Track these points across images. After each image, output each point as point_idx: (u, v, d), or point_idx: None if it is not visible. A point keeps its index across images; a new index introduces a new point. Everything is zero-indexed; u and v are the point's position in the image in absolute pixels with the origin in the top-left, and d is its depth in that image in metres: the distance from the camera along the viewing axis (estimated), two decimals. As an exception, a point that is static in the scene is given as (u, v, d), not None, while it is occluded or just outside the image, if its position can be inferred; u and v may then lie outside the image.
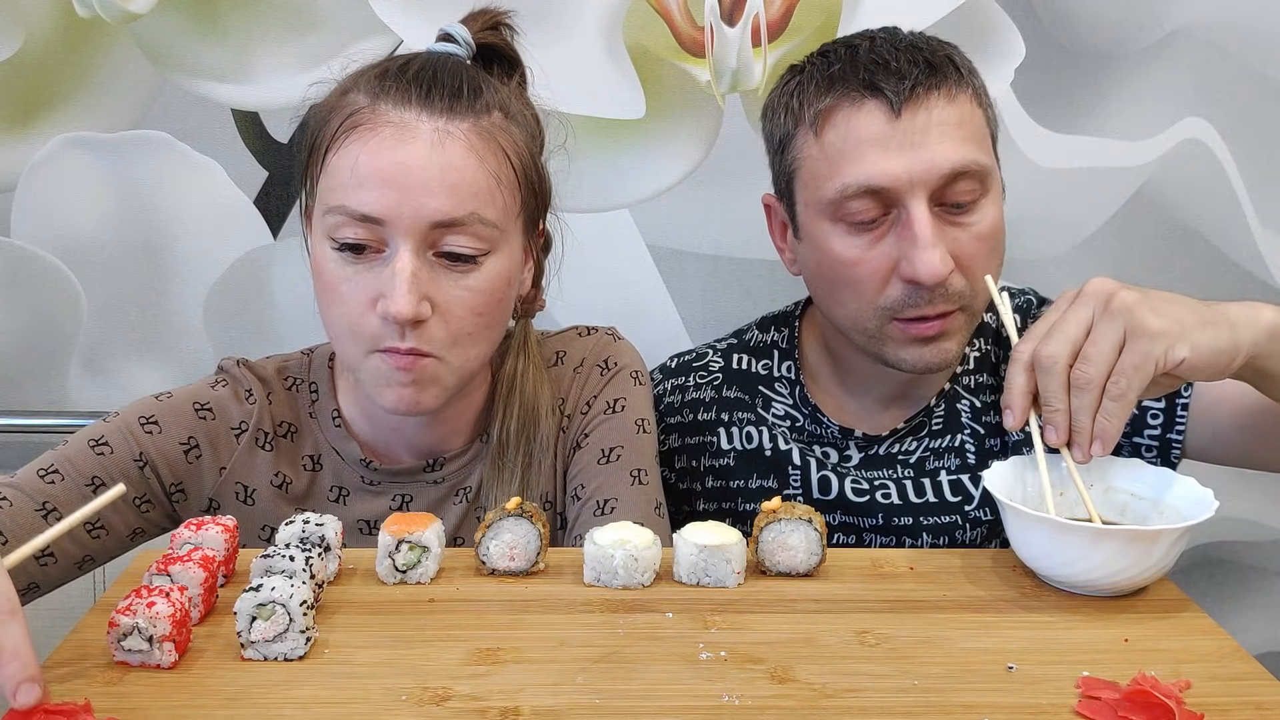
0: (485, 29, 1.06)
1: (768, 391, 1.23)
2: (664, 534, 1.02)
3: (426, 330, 0.94)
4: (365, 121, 0.94)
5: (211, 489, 1.05)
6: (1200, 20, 1.47)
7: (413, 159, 0.92)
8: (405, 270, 0.92)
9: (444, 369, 0.97)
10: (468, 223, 0.94)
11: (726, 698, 0.70)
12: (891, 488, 1.17)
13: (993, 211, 1.08)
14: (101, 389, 1.55)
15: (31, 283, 1.52)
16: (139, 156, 1.49)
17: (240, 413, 1.06)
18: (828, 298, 1.13)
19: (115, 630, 0.72)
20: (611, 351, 1.13)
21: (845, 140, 1.06)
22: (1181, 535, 0.82)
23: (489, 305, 0.97)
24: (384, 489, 1.08)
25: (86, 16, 1.45)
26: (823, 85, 1.08)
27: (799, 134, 1.10)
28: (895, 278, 1.06)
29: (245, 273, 1.52)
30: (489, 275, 0.97)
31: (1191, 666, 0.75)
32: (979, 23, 1.46)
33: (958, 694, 0.71)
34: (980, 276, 1.07)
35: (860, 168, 1.04)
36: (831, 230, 1.08)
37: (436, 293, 0.94)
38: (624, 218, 1.51)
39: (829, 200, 1.07)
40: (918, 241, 1.03)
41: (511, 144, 0.98)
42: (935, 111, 1.04)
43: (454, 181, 0.93)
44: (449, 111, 0.95)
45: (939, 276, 1.03)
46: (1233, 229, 1.53)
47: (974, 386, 1.20)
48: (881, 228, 1.06)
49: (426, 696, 0.69)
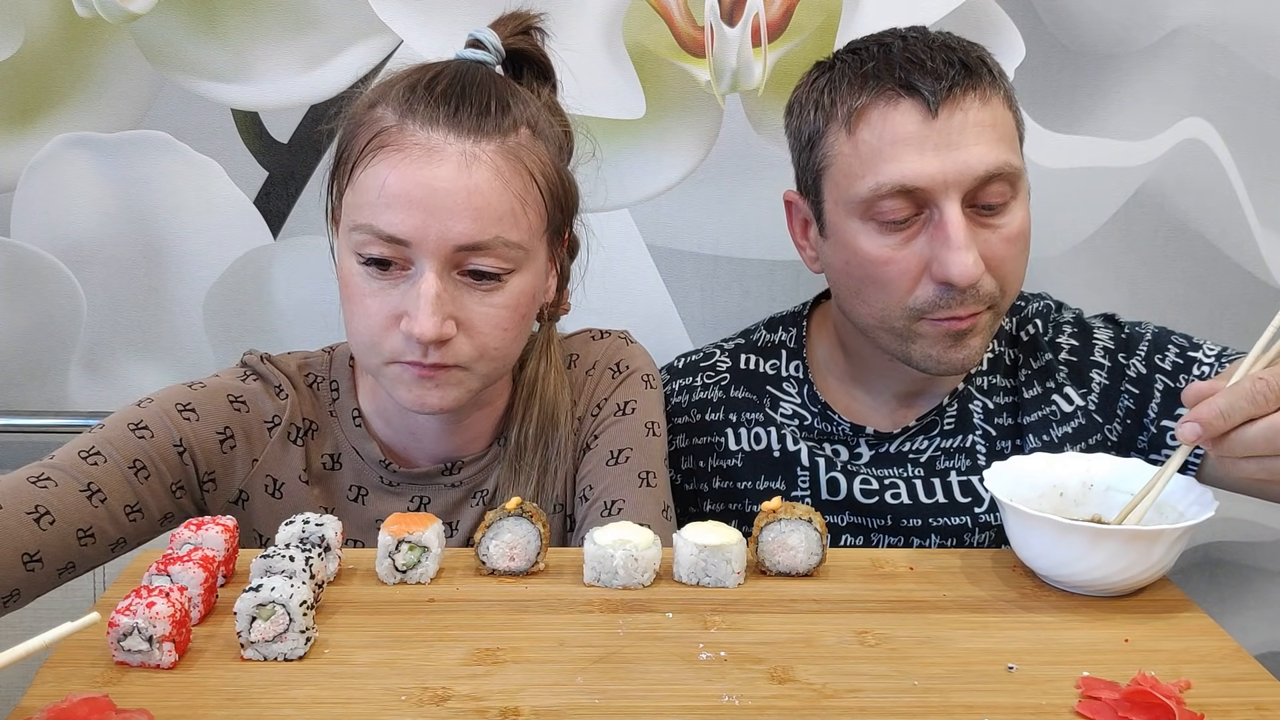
0: (515, 34, 1.05)
1: (776, 391, 1.22)
2: (669, 538, 1.02)
3: (452, 347, 0.96)
4: (392, 141, 0.95)
5: (242, 480, 1.06)
6: (1200, 20, 1.47)
7: (439, 182, 0.93)
8: (429, 292, 0.93)
9: (468, 376, 0.98)
10: (492, 245, 0.94)
11: (726, 698, 0.70)
12: (901, 487, 1.17)
13: (1021, 213, 1.07)
14: (101, 389, 1.55)
15: (31, 283, 1.52)
16: (139, 156, 1.49)
17: (273, 407, 1.07)
18: (852, 297, 1.12)
19: (115, 630, 0.72)
20: (624, 355, 1.14)
21: (880, 139, 1.04)
22: (1181, 535, 0.82)
23: (514, 320, 0.98)
24: (402, 490, 1.08)
25: (86, 16, 1.45)
26: (856, 82, 1.07)
27: (830, 131, 1.09)
28: (926, 278, 1.06)
29: (245, 273, 1.52)
30: (514, 292, 0.97)
31: (1191, 666, 0.75)
32: (979, 23, 1.45)
33: (958, 694, 0.71)
34: (1009, 278, 1.07)
35: (895, 167, 1.03)
36: (861, 229, 1.07)
37: (461, 310, 0.95)
38: (624, 218, 1.51)
39: (861, 198, 1.06)
40: (951, 243, 1.02)
41: (537, 163, 0.98)
42: (971, 112, 1.04)
43: (479, 205, 0.93)
44: (476, 131, 0.95)
45: (972, 278, 1.03)
46: (1233, 229, 1.53)
47: (987, 388, 1.20)
48: (913, 227, 1.06)
49: (426, 696, 0.69)
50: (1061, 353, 1.20)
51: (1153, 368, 1.17)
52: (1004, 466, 0.93)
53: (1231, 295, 1.54)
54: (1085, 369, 1.19)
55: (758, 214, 1.52)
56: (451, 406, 0.99)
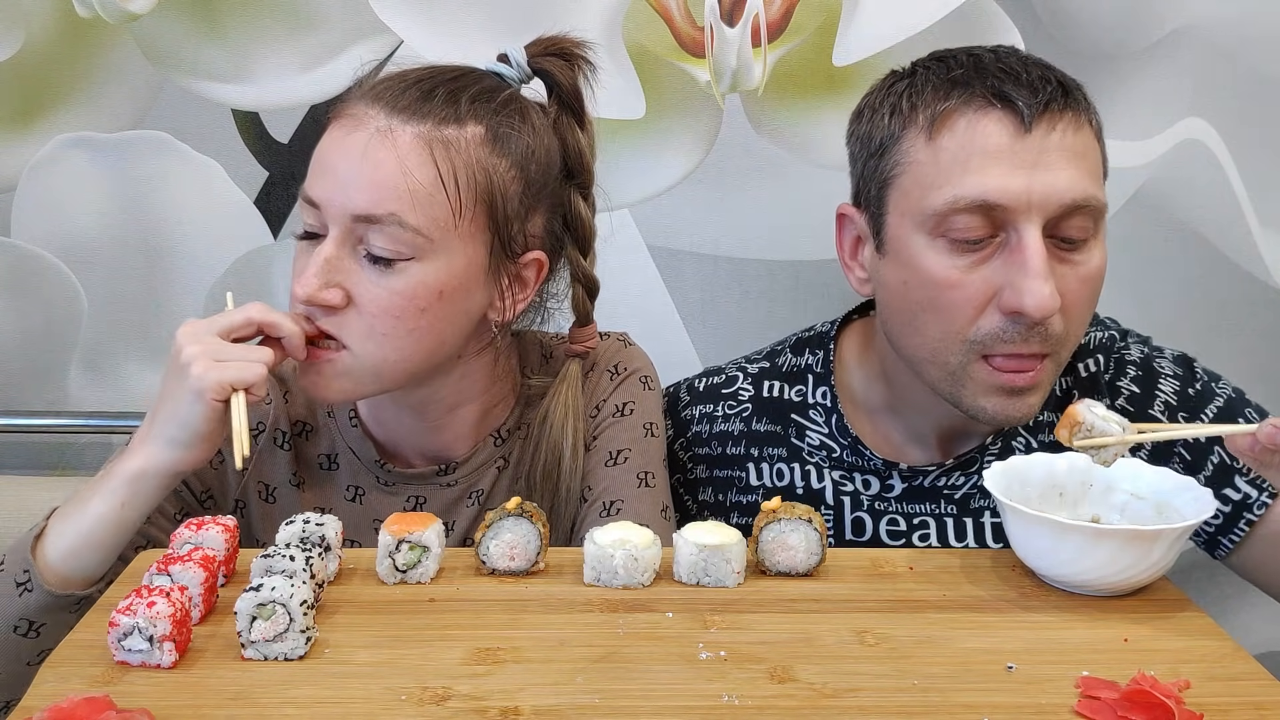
0: (546, 54, 1.05)
1: (801, 420, 1.15)
2: (669, 537, 1.02)
3: (342, 319, 0.96)
4: (336, 112, 0.99)
5: (236, 490, 1.07)
6: (1200, 20, 1.47)
7: (349, 150, 0.95)
8: (321, 254, 0.95)
9: (355, 363, 0.97)
10: (386, 223, 0.94)
11: (726, 698, 0.70)
12: (931, 526, 1.11)
13: (1100, 254, 1.00)
14: (101, 389, 1.55)
15: (31, 283, 1.52)
16: (139, 156, 1.49)
17: (257, 414, 1.07)
18: (905, 324, 1.03)
19: (115, 630, 0.72)
20: (622, 357, 1.14)
21: (964, 148, 0.97)
22: (1181, 535, 0.82)
23: (408, 310, 0.96)
24: (398, 490, 1.09)
25: (86, 16, 1.45)
26: (942, 88, 0.99)
27: (907, 137, 1.00)
28: (992, 308, 0.97)
29: (245, 273, 1.52)
30: (411, 280, 0.95)
31: (1191, 666, 0.75)
32: (979, 23, 1.45)
33: (957, 694, 0.71)
34: (1077, 322, 0.99)
35: (977, 180, 0.95)
36: (929, 246, 0.99)
37: (354, 285, 0.96)
38: (624, 218, 1.51)
39: (934, 211, 0.97)
40: (1029, 269, 0.94)
41: (462, 162, 0.96)
42: (1066, 136, 0.96)
43: (377, 180, 0.94)
44: (407, 112, 0.96)
45: (1048, 311, 0.94)
46: (1233, 229, 1.53)
47: (1034, 425, 1.11)
48: (986, 250, 0.97)
49: (426, 696, 0.69)
50: (1119, 398, 1.12)
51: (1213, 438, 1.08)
52: (1004, 466, 0.93)
53: (1231, 295, 1.54)
54: (1140, 421, 1.07)
55: (758, 214, 1.52)
56: (338, 398, 1.00)
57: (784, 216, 1.52)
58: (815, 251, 1.53)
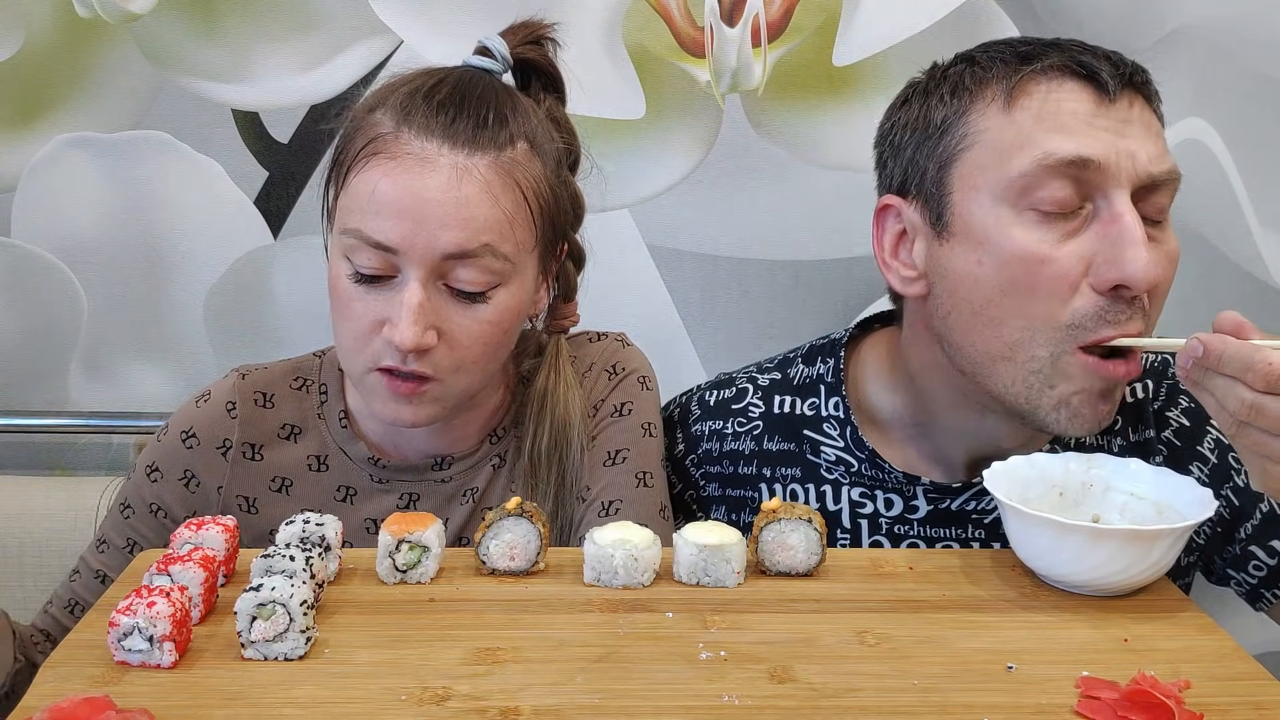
0: (525, 43, 1.05)
1: (815, 435, 1.09)
2: (668, 537, 1.02)
3: (431, 356, 0.96)
4: (386, 149, 0.95)
5: (217, 508, 1.07)
6: (1200, 20, 1.47)
7: (429, 192, 0.93)
8: (413, 300, 0.93)
9: (444, 390, 0.98)
10: (479, 254, 0.94)
11: (726, 698, 0.70)
12: None
13: (1175, 240, 0.95)
14: (101, 389, 1.55)
15: (31, 283, 1.52)
16: (139, 156, 1.49)
17: (223, 429, 1.08)
18: (976, 315, 0.94)
19: (115, 630, 0.72)
20: (620, 357, 1.14)
21: (1046, 109, 0.90)
22: (1181, 535, 0.82)
23: (496, 335, 0.98)
24: (391, 487, 1.09)
25: (86, 16, 1.45)
26: (1013, 61, 0.93)
27: (974, 109, 0.94)
28: (1085, 286, 0.90)
29: (245, 273, 1.52)
30: (498, 307, 0.97)
31: (1191, 666, 0.75)
32: (979, 23, 1.46)
33: (957, 694, 0.71)
34: (1159, 309, 0.93)
35: (1066, 136, 0.89)
36: (1015, 220, 0.91)
37: (444, 321, 0.96)
38: (623, 218, 1.51)
39: (1020, 173, 0.90)
40: (1127, 235, 0.87)
41: (530, 179, 0.98)
42: (1145, 113, 0.93)
43: (467, 216, 0.93)
44: (470, 144, 0.95)
45: (1153, 279, 0.88)
46: (1233, 229, 1.53)
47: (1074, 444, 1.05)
48: (1075, 221, 0.90)
49: (426, 696, 0.69)
50: (1166, 430, 1.06)
51: None
52: (1003, 466, 0.93)
53: (1231, 295, 1.54)
54: (1187, 459, 1.05)
55: (757, 214, 1.52)
56: (426, 422, 1.00)
57: (784, 216, 1.52)
58: (815, 251, 1.53)
